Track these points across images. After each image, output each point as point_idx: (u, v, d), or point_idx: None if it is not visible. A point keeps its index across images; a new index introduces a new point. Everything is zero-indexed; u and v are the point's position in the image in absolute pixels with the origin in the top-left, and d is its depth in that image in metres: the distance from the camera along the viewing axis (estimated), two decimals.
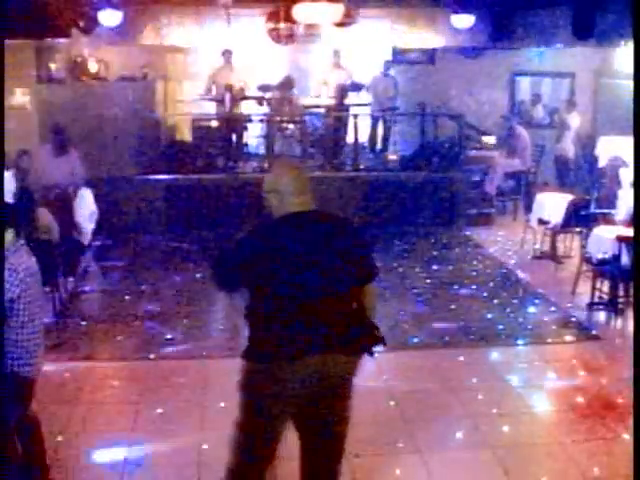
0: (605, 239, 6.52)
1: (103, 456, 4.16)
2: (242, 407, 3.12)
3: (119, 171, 9.34)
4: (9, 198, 6.33)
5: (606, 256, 6.45)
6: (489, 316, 6.54)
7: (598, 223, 7.12)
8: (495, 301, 6.96)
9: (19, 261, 3.29)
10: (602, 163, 9.79)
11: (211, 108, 11.10)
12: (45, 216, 6.40)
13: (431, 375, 5.26)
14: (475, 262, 8.36)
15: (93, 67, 10.82)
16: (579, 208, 7.89)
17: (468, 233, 9.66)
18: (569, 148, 10.95)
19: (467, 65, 12.12)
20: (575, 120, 10.86)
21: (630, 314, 6.21)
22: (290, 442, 3.26)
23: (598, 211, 7.82)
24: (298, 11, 9.31)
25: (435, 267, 8.14)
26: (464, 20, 10.49)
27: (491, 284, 7.50)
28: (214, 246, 8.76)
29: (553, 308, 6.77)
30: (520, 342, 5.93)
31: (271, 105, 10.94)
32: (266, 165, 10.12)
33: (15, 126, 8.58)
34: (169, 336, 5.97)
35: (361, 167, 10.35)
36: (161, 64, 11.62)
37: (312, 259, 3.00)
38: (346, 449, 3.27)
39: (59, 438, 4.22)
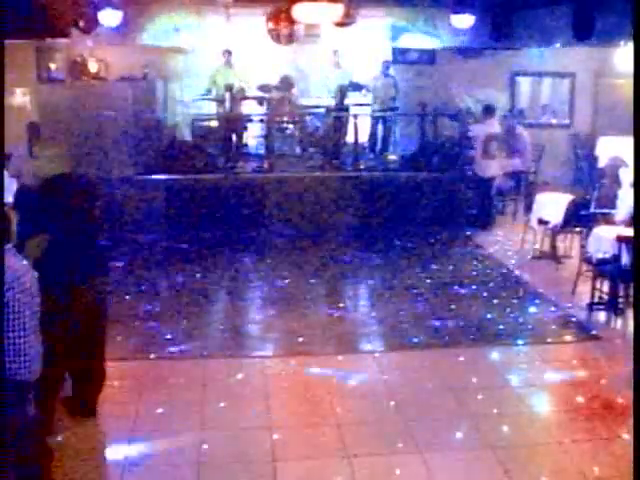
0: (605, 239, 6.51)
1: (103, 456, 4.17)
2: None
3: (119, 171, 9.34)
4: (9, 198, 6.32)
5: (606, 256, 6.44)
6: (489, 316, 6.54)
7: (598, 223, 7.11)
8: (495, 301, 6.96)
9: (6, 264, 3.28)
10: (602, 163, 9.79)
11: (211, 108, 11.11)
12: None
13: (431, 375, 5.25)
14: (475, 262, 8.35)
15: (93, 67, 10.84)
16: (579, 208, 7.89)
17: (468, 233, 9.66)
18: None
19: (467, 65, 12.13)
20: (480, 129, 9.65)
21: (630, 314, 6.20)
22: None
23: (598, 211, 7.80)
24: (298, 11, 9.30)
25: (435, 267, 8.14)
26: (464, 20, 10.49)
27: (491, 284, 7.50)
28: (214, 246, 8.79)
29: (553, 308, 6.76)
30: (520, 342, 5.93)
31: (271, 105, 10.95)
32: (266, 165, 10.13)
33: (15, 126, 8.58)
34: (169, 336, 5.97)
35: (361, 167, 10.34)
36: (161, 64, 11.62)
37: (73, 207, 4.19)
38: (346, 449, 3.26)
39: (59, 438, 4.22)
